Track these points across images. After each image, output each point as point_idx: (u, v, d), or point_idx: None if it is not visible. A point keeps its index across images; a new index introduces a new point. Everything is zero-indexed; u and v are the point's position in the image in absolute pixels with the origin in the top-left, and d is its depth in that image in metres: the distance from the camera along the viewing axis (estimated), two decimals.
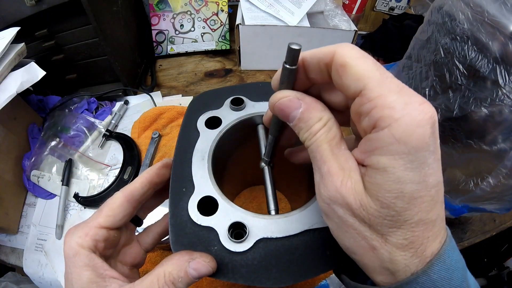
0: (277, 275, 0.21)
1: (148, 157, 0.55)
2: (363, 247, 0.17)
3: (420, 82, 0.40)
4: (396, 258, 0.16)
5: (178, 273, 0.20)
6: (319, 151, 0.18)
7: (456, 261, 0.17)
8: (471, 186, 0.36)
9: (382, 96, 0.15)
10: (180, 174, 0.26)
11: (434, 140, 0.15)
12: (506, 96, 0.30)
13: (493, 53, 0.30)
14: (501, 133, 0.32)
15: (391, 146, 0.15)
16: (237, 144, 0.33)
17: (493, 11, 0.30)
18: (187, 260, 0.20)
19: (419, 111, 0.15)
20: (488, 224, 0.52)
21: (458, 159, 0.36)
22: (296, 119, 0.19)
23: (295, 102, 0.18)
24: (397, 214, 0.15)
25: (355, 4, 0.80)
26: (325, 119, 0.18)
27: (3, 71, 0.47)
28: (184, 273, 0.20)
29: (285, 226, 0.23)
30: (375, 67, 0.16)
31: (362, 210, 0.16)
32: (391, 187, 0.15)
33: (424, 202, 0.15)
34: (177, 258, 0.21)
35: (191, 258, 0.21)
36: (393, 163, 0.15)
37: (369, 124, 0.16)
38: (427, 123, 0.15)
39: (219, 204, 0.24)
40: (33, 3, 0.51)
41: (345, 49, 0.17)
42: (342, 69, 0.16)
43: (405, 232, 0.16)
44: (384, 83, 0.16)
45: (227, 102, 0.32)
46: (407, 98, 0.15)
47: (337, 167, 0.17)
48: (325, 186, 0.17)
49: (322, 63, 0.18)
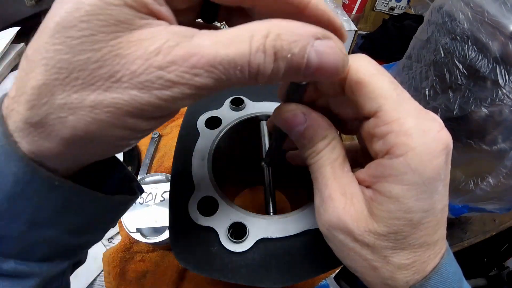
0: (277, 275, 0.21)
1: (148, 157, 0.55)
2: (364, 267, 0.17)
3: (420, 82, 0.40)
4: (397, 276, 0.16)
5: (291, 44, 0.12)
6: (321, 172, 0.17)
7: (453, 274, 0.17)
8: (471, 186, 0.36)
9: (399, 120, 0.14)
10: (180, 174, 0.26)
11: (446, 168, 0.15)
12: (506, 96, 0.30)
13: (493, 53, 0.30)
14: (501, 133, 0.32)
15: (406, 175, 0.14)
16: (237, 144, 0.33)
17: (493, 11, 0.30)
18: (313, 34, 0.12)
19: (436, 140, 0.14)
20: (488, 224, 0.52)
21: (458, 159, 0.36)
22: (299, 135, 0.17)
23: (300, 117, 0.17)
24: (403, 238, 0.15)
25: (355, 4, 0.80)
26: (330, 138, 0.17)
27: (3, 71, 0.47)
28: (299, 49, 0.12)
29: (285, 226, 0.23)
30: (392, 86, 0.15)
31: (366, 235, 0.16)
32: (401, 215, 0.15)
33: (430, 226, 0.15)
34: (297, 24, 0.12)
35: (321, 35, 0.12)
36: (406, 194, 0.14)
37: (383, 149, 0.15)
38: (443, 154, 0.14)
39: (219, 204, 0.24)
40: (33, 3, 0.51)
41: (360, 63, 0.15)
42: (357, 86, 0.15)
43: (408, 253, 0.16)
44: (401, 105, 0.15)
45: (227, 102, 0.32)
46: (426, 124, 0.14)
47: (339, 192, 0.16)
48: (326, 211, 0.17)
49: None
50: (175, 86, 0.11)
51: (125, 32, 0.11)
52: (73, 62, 0.11)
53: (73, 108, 0.11)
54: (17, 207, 0.13)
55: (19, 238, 0.14)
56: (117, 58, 0.11)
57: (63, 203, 0.14)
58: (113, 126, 0.12)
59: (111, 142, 0.13)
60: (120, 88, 0.11)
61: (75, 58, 0.11)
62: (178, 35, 0.12)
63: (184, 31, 0.12)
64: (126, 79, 0.11)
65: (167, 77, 0.11)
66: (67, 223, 0.15)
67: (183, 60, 0.11)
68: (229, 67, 0.12)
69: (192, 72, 0.11)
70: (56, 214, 0.14)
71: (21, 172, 0.13)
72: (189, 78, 0.11)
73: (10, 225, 0.14)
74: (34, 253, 0.15)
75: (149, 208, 0.38)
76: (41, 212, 0.14)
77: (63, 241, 0.16)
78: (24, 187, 0.13)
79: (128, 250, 0.42)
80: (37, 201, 0.14)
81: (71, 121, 0.12)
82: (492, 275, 0.75)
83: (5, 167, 0.13)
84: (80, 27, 0.11)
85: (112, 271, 0.41)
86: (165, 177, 0.41)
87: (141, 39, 0.11)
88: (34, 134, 0.12)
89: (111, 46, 0.11)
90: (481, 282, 0.74)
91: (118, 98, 0.11)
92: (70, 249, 0.17)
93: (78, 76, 0.11)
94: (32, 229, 0.14)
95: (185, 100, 0.12)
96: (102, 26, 0.11)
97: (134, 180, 0.20)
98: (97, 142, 0.13)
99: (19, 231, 0.14)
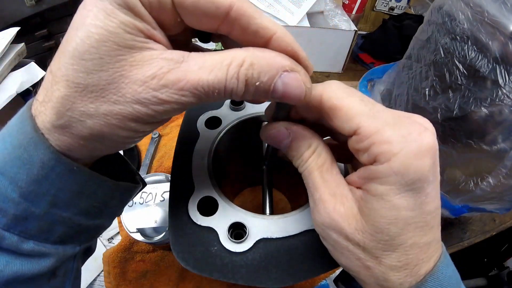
0: (277, 276, 0.21)
1: (148, 157, 0.55)
2: (358, 266, 0.18)
3: (420, 82, 0.40)
4: (390, 278, 0.17)
5: (260, 74, 0.14)
6: (310, 178, 0.18)
7: (449, 277, 0.17)
8: (471, 186, 0.36)
9: (379, 132, 0.15)
10: (180, 174, 0.26)
11: (434, 170, 0.16)
12: (506, 96, 0.30)
13: (493, 53, 0.30)
14: (501, 133, 0.32)
15: (389, 178, 0.15)
16: (237, 144, 0.33)
17: (493, 11, 0.30)
18: (281, 67, 0.15)
19: (417, 142, 0.15)
20: (488, 224, 0.52)
21: (458, 159, 0.36)
22: (287, 148, 0.19)
23: (283, 132, 0.19)
24: (391, 239, 0.16)
25: (355, 4, 0.80)
26: (314, 146, 0.18)
27: (3, 71, 0.47)
28: (267, 78, 0.14)
29: (285, 226, 0.23)
30: (363, 103, 0.16)
31: (356, 234, 0.17)
32: (386, 213, 0.16)
33: (418, 227, 0.16)
34: (270, 55, 0.15)
35: (289, 67, 0.15)
36: (389, 192, 0.15)
37: (369, 159, 0.16)
38: (426, 155, 0.15)
39: (219, 204, 0.24)
40: (33, 3, 0.51)
41: (330, 90, 0.17)
42: (331, 112, 0.17)
43: (399, 255, 0.16)
44: (376, 117, 0.16)
45: (227, 102, 0.32)
46: (404, 129, 0.15)
47: (329, 193, 0.17)
48: (318, 212, 0.18)
49: (311, 106, 0.18)
50: (166, 103, 0.14)
51: (127, 55, 0.14)
52: (88, 79, 0.14)
53: (91, 115, 0.14)
54: (42, 189, 0.16)
55: (41, 218, 0.17)
56: (122, 78, 0.14)
57: (79, 187, 0.17)
58: (120, 128, 0.15)
59: (119, 140, 0.16)
60: (125, 102, 0.14)
61: (89, 76, 0.14)
62: (171, 61, 0.14)
63: (176, 57, 0.14)
64: (129, 96, 0.14)
65: (160, 96, 0.14)
66: (82, 205, 0.18)
67: (172, 84, 0.14)
68: (208, 90, 0.14)
69: (180, 94, 0.14)
70: (73, 196, 0.17)
71: (46, 158, 0.15)
72: (177, 98, 0.14)
73: (35, 205, 0.16)
74: (51, 233, 0.18)
75: (149, 208, 0.38)
76: (61, 194, 0.17)
77: (77, 222, 0.18)
78: (49, 171, 0.16)
79: (128, 250, 0.42)
80: (58, 184, 0.16)
81: (89, 123, 0.15)
82: (492, 275, 0.75)
83: (34, 155, 0.15)
84: (91, 52, 0.13)
85: (112, 271, 0.41)
86: (165, 177, 0.41)
87: (140, 64, 0.14)
88: (59, 133, 0.15)
89: (116, 68, 0.14)
90: (481, 282, 0.74)
91: (124, 109, 0.14)
92: (83, 231, 0.19)
93: (93, 90, 0.14)
94: (53, 209, 0.17)
95: (175, 112, 0.15)
96: (108, 51, 0.14)
97: (137, 174, 0.23)
98: (108, 140, 0.16)
99: (42, 211, 0.16)
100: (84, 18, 0.14)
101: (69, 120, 0.14)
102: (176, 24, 0.16)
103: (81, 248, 0.20)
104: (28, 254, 0.17)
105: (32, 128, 0.15)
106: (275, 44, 0.15)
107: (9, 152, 0.16)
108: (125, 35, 0.14)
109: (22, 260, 0.17)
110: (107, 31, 0.13)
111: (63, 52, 0.14)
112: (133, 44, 0.14)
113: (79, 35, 0.14)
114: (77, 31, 0.14)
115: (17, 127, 0.16)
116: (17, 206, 0.16)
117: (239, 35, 0.16)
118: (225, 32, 0.16)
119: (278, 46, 0.15)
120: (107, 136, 0.15)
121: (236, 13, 0.14)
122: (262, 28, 0.15)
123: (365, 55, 0.81)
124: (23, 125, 0.16)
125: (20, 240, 0.17)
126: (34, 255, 0.17)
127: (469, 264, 0.75)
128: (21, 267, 0.17)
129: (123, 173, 0.22)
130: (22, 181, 0.16)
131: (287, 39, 0.15)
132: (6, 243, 0.16)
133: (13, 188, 0.16)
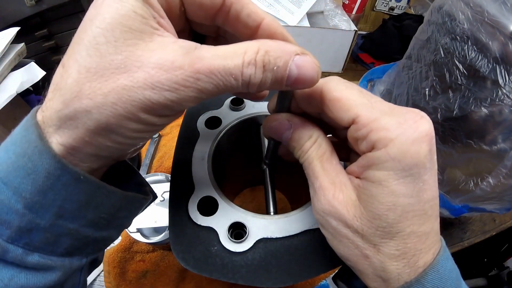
0: (277, 275, 0.21)
1: (148, 157, 0.55)
2: (356, 255, 0.18)
3: (420, 82, 0.40)
4: (388, 267, 0.17)
5: (276, 59, 0.15)
6: (311, 168, 0.19)
7: (449, 271, 0.17)
8: (471, 186, 0.36)
9: (376, 119, 0.16)
10: (180, 174, 0.26)
11: (431, 157, 0.16)
12: (506, 96, 0.30)
13: (493, 53, 0.30)
14: (501, 133, 0.32)
15: (387, 163, 0.15)
16: (237, 144, 0.33)
17: (493, 11, 0.30)
18: (293, 51, 0.15)
19: (413, 129, 0.15)
20: (488, 224, 0.52)
21: (458, 159, 0.36)
22: (288, 140, 0.20)
23: (285, 124, 0.19)
24: (389, 226, 0.16)
25: (355, 4, 0.80)
26: (315, 137, 0.19)
27: (3, 71, 0.47)
28: (283, 63, 0.15)
29: (285, 226, 0.23)
30: (362, 95, 0.17)
31: (355, 221, 0.17)
32: (384, 199, 0.16)
33: (416, 215, 0.16)
34: (281, 43, 0.16)
35: (300, 51, 0.15)
36: (387, 177, 0.15)
37: (367, 146, 0.16)
38: (423, 141, 0.15)
39: (219, 204, 0.24)
40: (33, 3, 0.51)
41: (331, 84, 0.18)
42: (332, 103, 0.17)
43: (397, 244, 0.16)
44: (374, 107, 0.16)
45: (227, 102, 0.32)
46: (401, 117, 0.16)
47: (328, 181, 0.18)
48: (318, 200, 0.18)
49: (312, 100, 0.18)
50: (181, 88, 0.14)
51: (139, 39, 0.14)
52: (100, 63, 0.14)
53: (98, 104, 0.14)
54: (47, 200, 0.15)
55: (46, 229, 0.16)
56: (134, 62, 0.14)
57: (86, 198, 0.16)
58: (129, 120, 0.14)
59: (126, 134, 0.15)
60: (136, 88, 0.14)
61: (101, 60, 0.14)
62: (184, 47, 0.14)
63: (189, 44, 0.15)
64: (141, 80, 0.14)
65: (174, 79, 0.14)
66: (89, 216, 0.17)
67: (188, 66, 0.14)
68: (225, 74, 0.14)
69: (195, 77, 0.14)
70: (80, 207, 0.16)
71: (52, 168, 0.15)
72: (193, 81, 0.14)
73: (40, 217, 0.15)
74: (57, 246, 0.17)
75: (149, 208, 0.38)
76: (67, 205, 0.16)
77: (83, 234, 0.17)
78: (55, 181, 0.15)
79: (128, 250, 0.42)
80: (64, 195, 0.15)
81: (95, 114, 0.14)
82: (492, 275, 0.75)
83: (39, 164, 0.15)
84: (106, 35, 0.14)
85: (112, 271, 0.41)
86: (165, 177, 0.41)
87: (153, 48, 0.14)
88: (65, 126, 0.14)
89: (129, 51, 0.14)
90: (481, 282, 0.74)
91: (134, 96, 0.14)
92: (90, 243, 0.19)
93: (103, 74, 0.14)
94: (58, 220, 0.16)
95: (189, 101, 0.15)
96: (121, 33, 0.14)
97: (147, 186, 0.22)
98: (116, 133, 0.15)
99: (47, 223, 0.16)
100: (98, 8, 0.14)
101: (75, 110, 0.14)
102: (180, 14, 0.16)
103: (88, 260, 0.19)
104: (33, 267, 0.16)
105: (37, 136, 0.15)
106: (265, 27, 0.17)
107: (12, 161, 0.15)
108: (137, 18, 0.14)
109: (27, 274, 0.16)
110: (119, 14, 0.14)
111: (77, 42, 0.14)
112: (145, 29, 0.14)
113: (94, 23, 0.14)
114: (91, 21, 0.14)
115: (21, 135, 0.15)
116: (22, 217, 0.15)
117: (234, 21, 0.17)
118: (221, 22, 0.17)
119: (268, 30, 0.16)
120: (114, 129, 0.14)
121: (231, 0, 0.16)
122: (253, 12, 0.16)
123: (365, 55, 0.81)
124: (27, 133, 0.15)
125: (25, 253, 0.16)
126: (40, 268, 0.17)
127: (469, 264, 0.75)
128: (26, 281, 0.16)
129: (133, 185, 0.21)
130: (27, 192, 0.15)
131: (276, 24, 0.17)
132: (10, 256, 0.16)
133: (17, 199, 0.15)
